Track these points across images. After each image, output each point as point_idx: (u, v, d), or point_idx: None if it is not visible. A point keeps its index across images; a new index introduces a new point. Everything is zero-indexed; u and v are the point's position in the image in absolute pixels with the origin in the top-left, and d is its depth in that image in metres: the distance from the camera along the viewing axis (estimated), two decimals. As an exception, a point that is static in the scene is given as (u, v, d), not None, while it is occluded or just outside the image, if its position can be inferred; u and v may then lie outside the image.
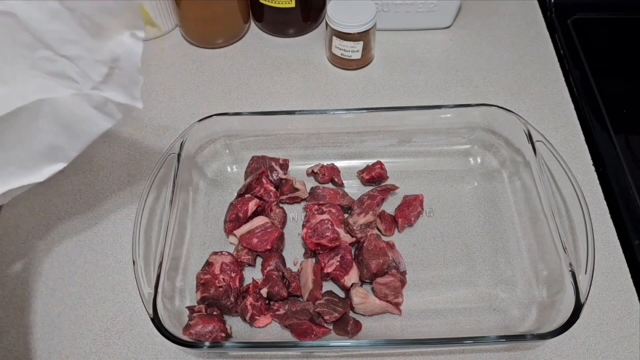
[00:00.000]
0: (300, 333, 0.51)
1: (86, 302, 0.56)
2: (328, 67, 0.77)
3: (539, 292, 0.54)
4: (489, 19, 0.83)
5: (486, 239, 0.59)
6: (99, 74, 0.41)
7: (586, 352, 0.51)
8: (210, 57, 0.79)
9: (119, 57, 0.41)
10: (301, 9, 0.76)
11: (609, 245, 0.58)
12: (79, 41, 0.40)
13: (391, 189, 0.62)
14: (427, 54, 0.78)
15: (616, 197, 0.62)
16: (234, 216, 0.58)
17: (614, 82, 0.75)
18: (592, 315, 0.53)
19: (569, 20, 0.82)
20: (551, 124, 0.69)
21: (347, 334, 0.51)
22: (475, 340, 0.47)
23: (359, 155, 0.66)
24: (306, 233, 0.56)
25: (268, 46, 0.80)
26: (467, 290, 0.55)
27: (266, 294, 0.53)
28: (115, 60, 0.41)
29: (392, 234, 0.60)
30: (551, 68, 0.76)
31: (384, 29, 0.78)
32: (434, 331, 0.52)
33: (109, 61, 0.41)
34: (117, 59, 0.41)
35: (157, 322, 0.47)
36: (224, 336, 0.50)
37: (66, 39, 0.40)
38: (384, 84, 0.75)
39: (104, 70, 0.41)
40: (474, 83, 0.74)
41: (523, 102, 0.71)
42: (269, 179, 0.62)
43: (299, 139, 0.65)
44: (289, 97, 0.73)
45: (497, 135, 0.63)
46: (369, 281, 0.55)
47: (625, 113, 0.71)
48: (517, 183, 0.61)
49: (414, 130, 0.64)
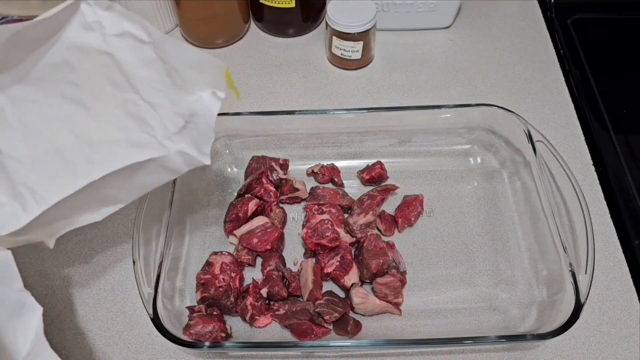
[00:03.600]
0: (300, 333, 0.51)
1: (86, 302, 0.56)
2: (328, 67, 0.77)
3: (539, 292, 0.54)
4: (489, 19, 0.83)
5: (486, 239, 0.59)
6: (175, 126, 0.42)
7: (586, 352, 0.51)
8: (210, 57, 0.78)
9: (196, 112, 0.42)
10: (301, 9, 0.76)
11: (609, 245, 0.58)
12: (164, 91, 0.41)
13: (391, 189, 0.62)
14: (427, 54, 0.78)
15: (616, 197, 0.62)
16: (234, 216, 0.58)
17: (614, 82, 0.75)
18: (592, 315, 0.53)
19: (569, 20, 0.82)
20: (551, 123, 0.69)
21: (347, 334, 0.51)
22: (475, 340, 0.47)
23: (359, 155, 0.66)
24: (306, 233, 0.56)
25: (268, 46, 0.80)
26: (467, 290, 0.55)
27: (266, 294, 0.53)
28: (192, 115, 0.42)
29: (392, 234, 0.60)
30: (551, 68, 0.76)
31: (384, 29, 0.78)
32: (434, 331, 0.52)
33: (187, 115, 0.42)
34: (194, 114, 0.42)
35: (157, 322, 0.47)
36: (224, 336, 0.50)
37: (153, 87, 0.41)
38: (384, 84, 0.75)
39: (181, 123, 0.42)
40: (474, 83, 0.74)
41: (523, 102, 0.71)
42: (269, 179, 0.62)
43: (299, 139, 0.65)
44: (289, 97, 0.73)
45: (497, 135, 0.63)
46: (369, 281, 0.55)
47: (625, 113, 0.71)
48: (517, 183, 0.61)
49: (414, 130, 0.64)
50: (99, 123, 0.42)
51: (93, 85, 0.42)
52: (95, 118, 0.42)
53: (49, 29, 0.39)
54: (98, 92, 0.42)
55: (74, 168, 0.42)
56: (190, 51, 0.41)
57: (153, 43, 0.41)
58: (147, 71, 0.41)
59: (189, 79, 0.41)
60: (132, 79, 0.41)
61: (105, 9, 0.40)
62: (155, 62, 0.41)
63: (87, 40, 0.40)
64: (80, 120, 0.42)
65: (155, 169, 0.43)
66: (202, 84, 0.42)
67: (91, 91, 0.42)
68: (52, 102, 0.42)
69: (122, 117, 0.42)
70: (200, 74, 0.41)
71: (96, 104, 0.42)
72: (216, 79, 0.42)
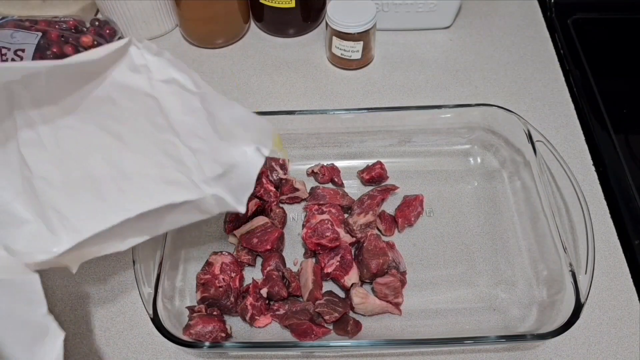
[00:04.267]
0: (300, 333, 0.51)
1: (86, 302, 0.56)
2: (328, 67, 0.77)
3: (539, 292, 0.54)
4: (489, 18, 0.83)
5: (486, 239, 0.59)
6: (213, 172, 0.41)
7: (586, 352, 0.51)
8: (210, 57, 0.79)
9: (237, 164, 0.41)
10: (301, 9, 0.76)
11: (609, 245, 0.58)
12: (206, 139, 0.41)
13: (391, 189, 0.62)
14: (427, 54, 0.78)
15: (616, 197, 0.62)
16: (234, 216, 0.58)
17: (614, 82, 0.75)
18: (592, 315, 0.53)
19: (569, 20, 0.82)
20: (551, 123, 0.69)
21: (347, 334, 0.51)
22: (475, 341, 0.47)
23: (359, 155, 0.65)
24: (306, 233, 0.56)
25: (268, 46, 0.80)
26: (467, 290, 0.55)
27: (266, 294, 0.53)
28: (232, 165, 0.41)
29: (392, 234, 0.60)
30: (551, 68, 0.76)
31: (384, 29, 0.78)
32: (434, 331, 0.52)
33: (226, 164, 0.41)
34: (235, 165, 0.41)
35: (157, 322, 0.47)
36: (224, 336, 0.50)
37: (195, 133, 0.41)
38: (384, 84, 0.75)
39: (219, 171, 0.41)
40: (474, 83, 0.74)
41: (523, 102, 0.71)
42: (269, 179, 0.62)
43: (299, 139, 0.65)
44: (289, 97, 0.73)
45: (497, 135, 0.63)
46: (369, 281, 0.55)
47: (626, 113, 0.71)
48: (517, 183, 0.61)
49: (414, 130, 0.64)
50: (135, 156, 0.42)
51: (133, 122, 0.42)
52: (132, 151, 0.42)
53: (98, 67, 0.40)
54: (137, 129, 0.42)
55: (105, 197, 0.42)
56: (238, 109, 0.40)
57: (200, 95, 0.41)
58: (190, 119, 0.41)
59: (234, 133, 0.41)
60: (174, 123, 0.41)
61: (154, 55, 0.40)
62: (199, 112, 0.41)
63: (133, 82, 0.41)
64: (117, 152, 0.42)
65: (189, 209, 0.43)
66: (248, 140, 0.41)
67: (131, 127, 0.42)
68: (90, 131, 0.42)
69: (159, 155, 0.42)
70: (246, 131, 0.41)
71: (134, 140, 0.42)
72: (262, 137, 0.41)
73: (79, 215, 0.42)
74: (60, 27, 0.70)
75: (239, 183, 0.41)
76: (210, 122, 0.41)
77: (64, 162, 0.42)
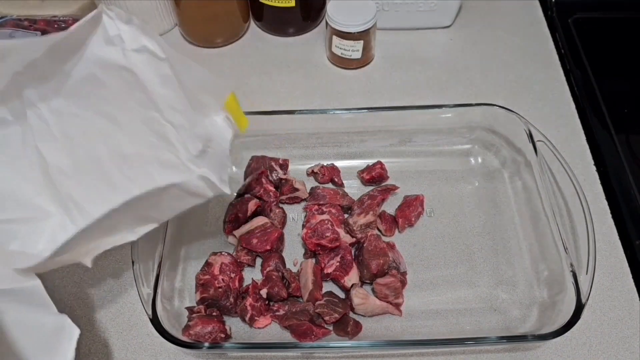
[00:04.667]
0: (300, 334, 0.51)
1: (85, 302, 0.55)
2: (328, 66, 0.77)
3: (539, 293, 0.54)
4: (490, 18, 0.82)
5: (487, 239, 0.59)
6: (195, 149, 0.43)
7: (587, 353, 0.51)
8: (210, 56, 0.78)
9: (212, 137, 0.43)
10: (301, 8, 0.76)
11: (610, 245, 0.58)
12: (182, 111, 0.42)
13: (391, 189, 0.62)
14: (427, 53, 0.78)
15: (617, 197, 0.62)
16: (234, 216, 0.58)
17: (615, 82, 0.75)
18: (593, 315, 0.53)
19: (569, 20, 0.81)
20: (552, 123, 0.69)
21: (347, 335, 0.51)
22: (476, 341, 0.47)
23: (359, 155, 0.65)
24: (306, 233, 0.55)
25: (268, 45, 0.80)
26: (467, 290, 0.55)
27: (266, 294, 0.53)
28: (208, 140, 0.43)
29: (392, 234, 0.59)
30: (552, 67, 0.76)
31: (384, 28, 0.78)
32: (435, 332, 0.52)
33: (204, 138, 0.42)
34: (210, 139, 0.43)
35: (156, 322, 0.47)
36: (224, 337, 0.50)
37: (172, 106, 0.42)
38: (384, 83, 0.74)
39: (200, 146, 0.43)
40: (474, 82, 0.74)
41: (524, 101, 0.71)
42: (269, 179, 0.62)
43: (299, 139, 0.65)
44: (289, 97, 0.73)
45: (498, 135, 0.63)
46: (369, 282, 0.55)
47: (627, 113, 0.71)
48: (518, 183, 0.61)
49: (415, 130, 0.64)
50: (130, 138, 0.43)
51: (120, 100, 0.43)
52: (126, 133, 0.43)
53: (76, 41, 0.41)
54: (125, 108, 0.43)
55: (111, 182, 0.43)
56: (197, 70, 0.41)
57: (167, 60, 0.41)
58: (165, 90, 0.42)
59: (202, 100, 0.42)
60: (153, 96, 0.42)
61: (126, 23, 0.41)
62: (171, 80, 0.42)
63: (110, 55, 0.41)
64: (114, 134, 0.43)
65: (181, 194, 0.43)
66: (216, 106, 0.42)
67: (119, 106, 0.43)
68: (88, 115, 0.43)
69: (149, 134, 0.43)
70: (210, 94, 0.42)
71: (125, 120, 0.43)
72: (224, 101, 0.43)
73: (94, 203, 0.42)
74: (59, 27, 0.70)
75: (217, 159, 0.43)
76: (182, 89, 0.42)
77: (72, 150, 0.43)
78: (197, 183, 0.43)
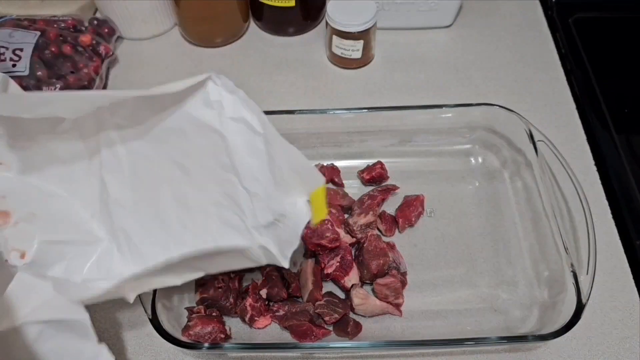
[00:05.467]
0: (300, 334, 0.50)
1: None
2: (328, 66, 0.77)
3: (540, 293, 0.53)
4: (490, 18, 0.82)
5: (487, 239, 0.59)
6: (265, 219, 0.43)
7: (588, 353, 0.51)
8: (210, 56, 0.78)
9: (287, 215, 0.42)
10: (301, 8, 0.76)
11: (611, 245, 0.58)
12: (263, 183, 0.42)
13: (392, 189, 0.62)
14: (427, 53, 0.78)
15: (618, 197, 0.62)
16: (234, 216, 0.58)
17: (616, 82, 0.75)
18: (593, 316, 0.53)
19: (570, 20, 0.81)
20: (553, 123, 0.68)
21: (347, 335, 0.51)
22: (477, 342, 0.47)
23: (359, 155, 0.65)
24: (306, 233, 0.55)
25: (268, 45, 0.80)
26: (468, 291, 0.55)
27: (266, 294, 0.53)
28: (282, 215, 0.42)
29: (392, 234, 0.59)
30: (552, 67, 0.75)
31: (384, 27, 0.78)
32: (435, 332, 0.52)
33: (278, 213, 0.42)
34: (285, 216, 0.42)
35: (156, 323, 0.47)
36: (223, 337, 0.50)
37: (254, 176, 0.42)
38: (385, 83, 0.74)
39: (270, 218, 0.42)
40: (474, 82, 0.74)
41: (524, 101, 0.71)
42: (269, 179, 0.62)
43: (299, 139, 0.64)
44: (289, 97, 0.73)
45: (499, 134, 0.63)
46: (369, 282, 0.55)
47: (627, 113, 0.71)
48: (518, 183, 0.61)
49: (415, 130, 0.64)
50: (198, 193, 0.44)
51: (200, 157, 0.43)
52: (196, 187, 0.44)
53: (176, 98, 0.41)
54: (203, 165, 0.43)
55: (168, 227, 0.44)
56: (297, 155, 0.41)
57: (264, 136, 0.41)
58: (252, 160, 0.42)
59: (289, 181, 0.41)
60: (237, 163, 0.42)
61: (230, 92, 0.41)
62: (262, 154, 0.42)
63: (205, 117, 0.42)
64: (183, 185, 0.44)
65: (239, 255, 0.44)
66: (301, 189, 0.42)
67: (197, 162, 0.43)
68: (162, 161, 0.44)
69: (219, 194, 0.44)
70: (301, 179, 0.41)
71: (199, 175, 0.44)
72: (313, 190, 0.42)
73: (144, 241, 0.44)
74: (59, 26, 0.70)
75: (286, 235, 0.42)
76: (270, 166, 0.42)
77: (138, 189, 0.44)
78: (257, 252, 0.43)
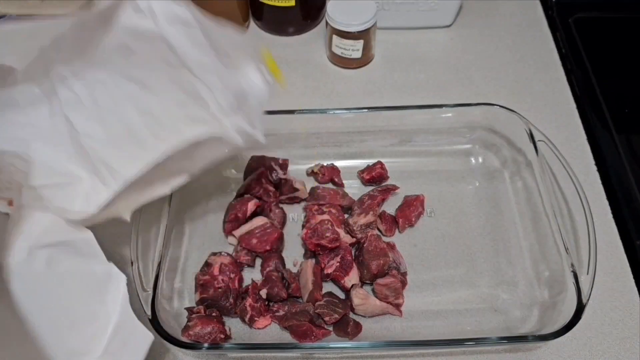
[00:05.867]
0: (300, 334, 0.50)
1: (84, 303, 0.55)
2: (328, 66, 0.77)
3: (540, 293, 0.53)
4: (490, 17, 0.82)
5: (487, 239, 0.59)
6: (227, 102, 0.44)
7: (588, 353, 0.51)
8: (210, 56, 0.78)
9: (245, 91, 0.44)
10: (301, 8, 0.76)
11: (611, 245, 0.58)
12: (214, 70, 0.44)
13: (392, 189, 0.62)
14: (427, 53, 0.78)
15: (618, 197, 0.62)
16: (233, 216, 0.58)
17: (616, 82, 0.75)
18: (594, 316, 0.53)
19: (570, 19, 0.81)
20: (553, 123, 0.68)
21: (347, 335, 0.51)
22: (477, 342, 0.47)
23: (359, 155, 0.65)
24: (306, 233, 0.55)
25: (267, 45, 0.80)
26: (468, 291, 0.55)
27: (265, 295, 0.53)
28: (242, 95, 0.44)
29: (392, 234, 0.59)
30: (553, 67, 0.75)
31: (384, 27, 0.78)
32: (435, 332, 0.52)
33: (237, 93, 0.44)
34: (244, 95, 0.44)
35: (156, 323, 0.47)
36: (223, 337, 0.50)
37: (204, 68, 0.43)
38: (385, 83, 0.74)
39: (232, 99, 0.44)
40: (475, 82, 0.74)
41: (524, 101, 0.71)
42: (269, 179, 0.62)
43: (298, 139, 0.65)
44: (289, 97, 0.73)
45: (499, 134, 0.63)
46: (369, 282, 0.55)
47: (627, 112, 0.71)
48: (518, 183, 0.61)
49: (415, 130, 0.64)
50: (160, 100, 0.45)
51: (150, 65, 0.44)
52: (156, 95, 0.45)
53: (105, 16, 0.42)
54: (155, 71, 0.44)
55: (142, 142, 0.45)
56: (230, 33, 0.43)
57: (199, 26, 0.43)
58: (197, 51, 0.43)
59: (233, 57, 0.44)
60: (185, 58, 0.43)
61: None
62: (204, 46, 0.43)
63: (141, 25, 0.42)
64: (143, 98, 0.45)
65: (215, 144, 0.46)
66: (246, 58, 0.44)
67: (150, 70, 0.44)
68: (116, 82, 0.44)
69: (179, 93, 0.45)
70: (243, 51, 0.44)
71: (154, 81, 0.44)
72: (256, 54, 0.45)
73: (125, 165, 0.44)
74: (59, 26, 0.70)
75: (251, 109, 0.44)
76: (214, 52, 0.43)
77: (103, 117, 0.45)
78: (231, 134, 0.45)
